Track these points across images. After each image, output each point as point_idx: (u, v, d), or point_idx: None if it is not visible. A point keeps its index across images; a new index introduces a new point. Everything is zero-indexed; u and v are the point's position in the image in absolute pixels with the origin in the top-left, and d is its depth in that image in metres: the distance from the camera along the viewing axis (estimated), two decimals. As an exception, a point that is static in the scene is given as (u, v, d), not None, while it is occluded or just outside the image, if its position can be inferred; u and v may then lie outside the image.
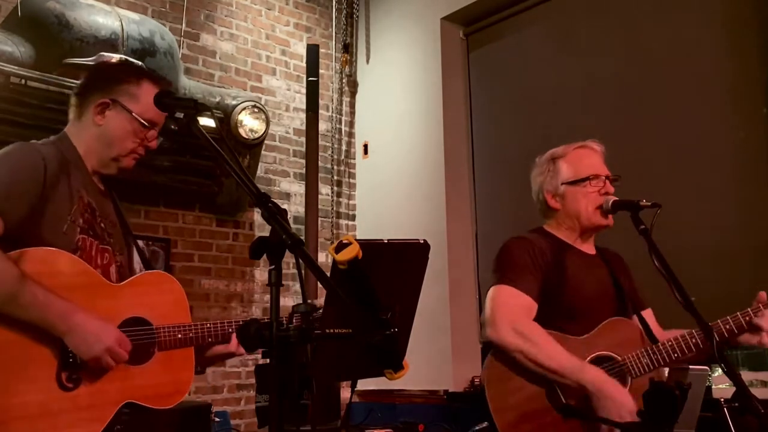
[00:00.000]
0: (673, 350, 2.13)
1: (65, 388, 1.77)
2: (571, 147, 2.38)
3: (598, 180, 2.28)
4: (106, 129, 1.99)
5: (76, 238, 1.87)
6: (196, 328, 1.99)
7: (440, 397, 4.27)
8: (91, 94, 2.00)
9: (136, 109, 1.99)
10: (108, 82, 2.02)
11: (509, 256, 2.28)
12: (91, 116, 1.99)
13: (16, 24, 3.59)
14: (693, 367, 1.92)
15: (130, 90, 2.00)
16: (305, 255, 1.42)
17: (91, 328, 1.76)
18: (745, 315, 2.11)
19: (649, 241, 2.06)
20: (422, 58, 4.98)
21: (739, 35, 3.63)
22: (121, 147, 1.99)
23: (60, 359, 1.76)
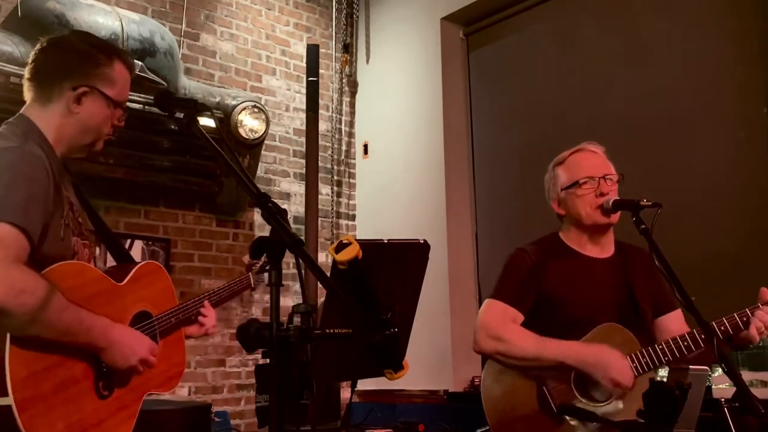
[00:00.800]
0: (663, 354, 2.13)
1: (102, 397, 1.82)
2: (569, 152, 2.40)
3: (592, 181, 2.29)
4: (84, 116, 1.86)
5: (71, 242, 1.84)
6: (183, 309, 2.07)
7: (440, 397, 4.27)
8: (62, 78, 1.85)
9: (113, 94, 1.89)
10: (80, 64, 1.87)
11: (503, 270, 2.36)
12: (65, 102, 1.84)
13: (16, 24, 3.59)
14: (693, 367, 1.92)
15: (106, 73, 1.88)
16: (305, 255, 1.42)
17: (126, 341, 1.82)
18: (742, 315, 2.11)
19: (650, 241, 2.06)
20: (422, 58, 4.98)
21: (740, 35, 3.63)
22: (99, 133, 1.90)
23: (95, 371, 1.80)
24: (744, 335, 2.11)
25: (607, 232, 2.36)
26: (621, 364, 2.09)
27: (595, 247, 2.35)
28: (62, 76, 1.85)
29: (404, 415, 4.14)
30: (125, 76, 1.95)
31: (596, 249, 2.35)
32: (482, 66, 4.91)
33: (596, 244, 2.35)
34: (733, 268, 3.38)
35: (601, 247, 2.35)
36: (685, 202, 3.52)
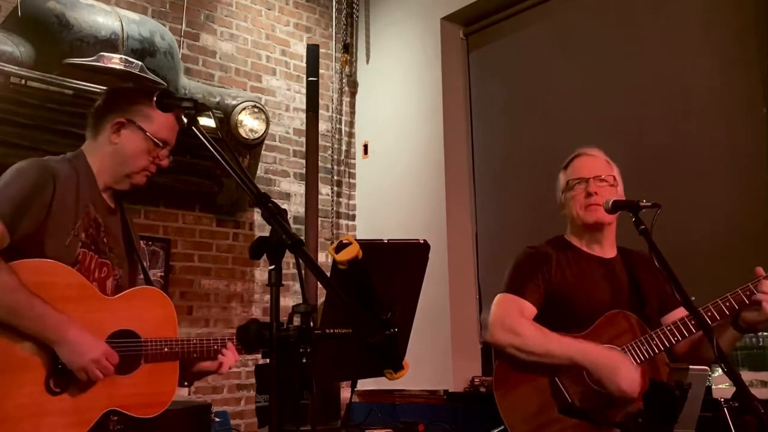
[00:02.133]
0: (672, 334, 2.15)
1: (52, 393, 1.86)
2: (570, 157, 2.47)
3: (582, 182, 2.34)
4: (121, 147, 2.09)
5: (77, 252, 1.98)
6: (182, 344, 2.07)
7: (440, 397, 4.27)
8: (107, 115, 2.11)
9: (150, 129, 2.09)
10: (123, 103, 2.12)
11: (514, 266, 2.39)
12: (107, 135, 2.09)
13: (16, 24, 3.59)
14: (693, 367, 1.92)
15: (145, 111, 2.09)
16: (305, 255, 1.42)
17: (82, 340, 1.86)
18: (745, 290, 2.13)
19: (650, 241, 2.07)
20: (422, 58, 4.98)
21: (740, 35, 3.63)
22: (134, 164, 2.10)
23: (50, 365, 1.86)
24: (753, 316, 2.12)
25: (607, 233, 2.39)
26: (631, 374, 2.09)
27: (598, 247, 2.39)
28: (107, 112, 2.12)
29: (404, 415, 4.14)
30: (167, 118, 2.10)
31: (600, 249, 2.39)
32: (482, 66, 4.91)
33: (598, 244, 2.39)
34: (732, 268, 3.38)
35: (603, 247, 2.39)
36: (684, 201, 3.52)
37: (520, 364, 2.20)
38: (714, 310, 2.13)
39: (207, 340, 2.12)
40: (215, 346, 2.11)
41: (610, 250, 2.40)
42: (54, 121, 3.50)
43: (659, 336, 2.16)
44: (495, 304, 2.33)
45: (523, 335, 2.19)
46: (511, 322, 2.23)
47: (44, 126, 3.49)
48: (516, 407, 2.18)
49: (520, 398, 2.19)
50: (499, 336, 2.24)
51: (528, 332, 2.19)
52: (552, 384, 2.16)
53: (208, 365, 2.15)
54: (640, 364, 2.15)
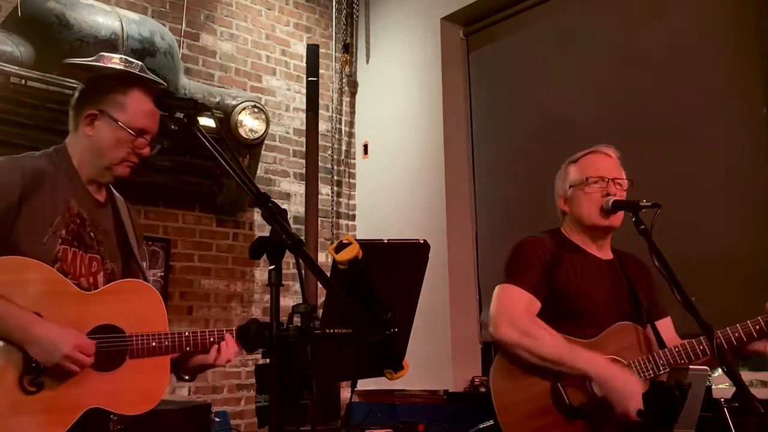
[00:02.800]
0: (679, 356, 2.13)
1: (27, 392, 1.79)
2: (584, 152, 2.41)
3: (601, 182, 2.29)
4: (95, 139, 2.03)
5: (56, 248, 1.91)
6: (172, 337, 1.98)
7: (440, 397, 4.27)
8: (83, 106, 2.05)
9: (123, 119, 2.02)
10: (97, 93, 2.06)
11: (516, 254, 2.32)
12: (82, 127, 2.04)
13: (16, 24, 3.59)
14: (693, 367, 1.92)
15: (117, 99, 2.03)
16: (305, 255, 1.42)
17: (49, 336, 1.79)
18: (755, 323, 2.10)
19: (649, 242, 2.07)
20: (422, 58, 4.98)
21: (739, 35, 3.63)
22: (111, 156, 2.03)
23: (24, 364, 1.80)
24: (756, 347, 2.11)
25: (608, 236, 2.37)
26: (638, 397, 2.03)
27: (597, 248, 2.36)
28: (83, 104, 2.05)
29: (404, 415, 4.14)
30: (145, 105, 2.05)
31: (599, 250, 2.36)
32: (482, 66, 4.91)
33: (599, 245, 2.36)
34: (732, 269, 3.38)
35: (601, 249, 2.37)
36: (684, 201, 3.52)
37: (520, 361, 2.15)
38: (722, 337, 2.10)
39: (201, 332, 2.03)
40: (210, 338, 2.01)
41: (607, 252, 2.38)
42: (54, 121, 3.50)
43: (666, 357, 2.14)
44: (498, 296, 2.25)
45: (536, 338, 2.13)
46: (520, 321, 2.16)
47: (44, 126, 3.48)
48: (512, 407, 2.15)
49: (518, 399, 2.15)
50: (506, 332, 2.16)
51: (541, 336, 2.13)
52: (553, 388, 2.13)
53: (205, 358, 2.05)
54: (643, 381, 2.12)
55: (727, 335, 2.10)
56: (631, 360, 2.16)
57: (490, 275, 4.41)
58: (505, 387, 2.18)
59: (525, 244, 2.33)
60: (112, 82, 2.11)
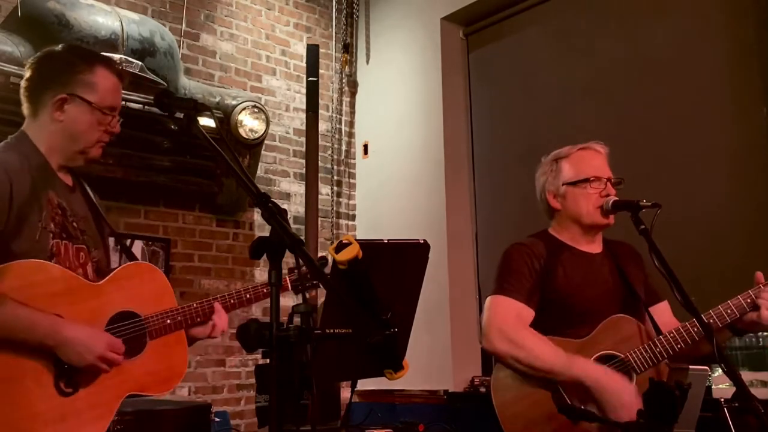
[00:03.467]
0: (675, 341, 2.13)
1: (65, 394, 1.80)
2: (575, 148, 2.39)
3: (599, 182, 2.29)
4: (68, 124, 1.93)
5: (49, 244, 1.87)
6: (183, 311, 2.01)
7: (440, 397, 4.26)
8: (44, 90, 1.95)
9: (95, 99, 1.94)
10: (60, 74, 1.95)
11: (503, 263, 2.32)
12: (48, 113, 1.94)
13: (16, 24, 3.59)
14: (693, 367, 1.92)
15: (85, 79, 1.94)
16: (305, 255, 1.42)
17: (80, 338, 1.79)
18: (745, 297, 2.13)
19: (649, 241, 2.07)
20: (422, 58, 4.98)
21: (739, 35, 3.63)
22: (87, 139, 1.95)
23: (55, 368, 1.79)
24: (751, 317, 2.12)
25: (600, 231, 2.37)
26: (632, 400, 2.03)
27: (589, 243, 2.36)
28: (44, 88, 1.94)
29: (404, 415, 4.14)
30: (111, 81, 1.98)
31: (589, 245, 2.36)
32: (482, 66, 4.91)
33: (589, 241, 2.36)
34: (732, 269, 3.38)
35: (591, 243, 2.36)
36: (684, 202, 3.52)
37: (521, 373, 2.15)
38: (715, 316, 2.12)
39: (206, 300, 2.06)
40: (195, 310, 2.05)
41: (598, 245, 2.38)
42: (54, 121, 3.50)
43: (662, 343, 2.13)
44: (488, 307, 2.25)
45: (525, 348, 2.13)
46: (513, 331, 2.16)
47: (44, 126, 3.48)
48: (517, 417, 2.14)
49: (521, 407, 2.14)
50: (498, 344, 2.17)
51: (530, 345, 2.13)
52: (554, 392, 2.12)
53: (201, 330, 2.07)
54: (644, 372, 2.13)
55: (720, 313, 2.12)
56: (627, 352, 2.16)
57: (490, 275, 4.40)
58: (506, 397, 2.17)
59: (512, 251, 2.32)
60: (73, 61, 1.98)
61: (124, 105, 3.57)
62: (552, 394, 2.11)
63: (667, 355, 2.14)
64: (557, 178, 2.36)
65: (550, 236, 2.38)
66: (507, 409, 2.16)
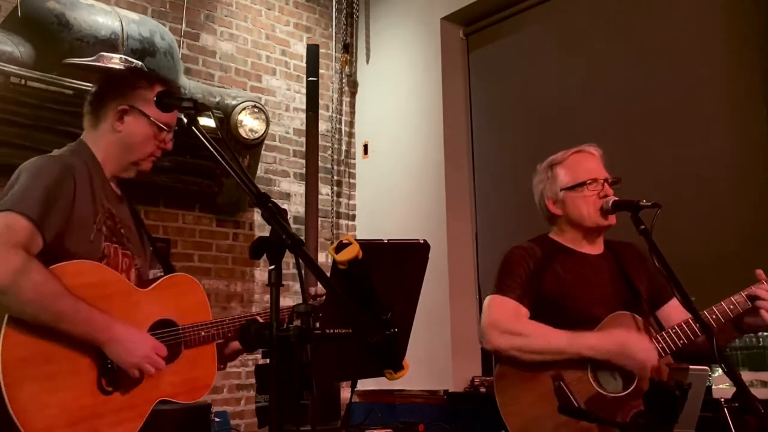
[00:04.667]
0: (678, 337, 2.14)
1: (105, 392, 1.86)
2: (569, 152, 2.40)
3: (596, 184, 2.30)
4: (126, 134, 2.05)
5: (102, 246, 1.96)
6: (216, 326, 2.09)
7: (440, 397, 4.26)
8: (108, 102, 2.06)
9: (152, 113, 2.04)
10: (123, 88, 2.08)
11: (501, 266, 2.34)
12: (110, 123, 2.05)
13: (16, 24, 3.59)
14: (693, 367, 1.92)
15: (145, 95, 2.05)
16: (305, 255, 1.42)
17: (129, 338, 1.86)
18: (747, 293, 2.14)
19: (649, 241, 2.07)
20: (422, 58, 4.98)
21: (739, 35, 3.63)
22: (142, 151, 2.07)
23: (99, 366, 1.86)
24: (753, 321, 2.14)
25: (602, 233, 2.38)
26: (644, 344, 2.09)
27: (590, 245, 2.36)
28: (108, 100, 2.07)
29: (404, 415, 4.14)
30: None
31: (590, 247, 2.36)
32: (482, 66, 4.91)
33: (591, 243, 2.36)
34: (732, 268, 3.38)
35: (593, 245, 2.37)
36: (684, 202, 3.52)
37: (521, 367, 2.16)
38: (718, 312, 2.13)
39: (240, 317, 2.14)
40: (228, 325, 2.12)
41: (599, 247, 2.38)
42: (54, 121, 3.50)
43: (665, 339, 2.14)
44: (487, 307, 2.27)
45: (526, 335, 2.15)
46: (510, 324, 2.18)
47: (44, 126, 3.49)
48: (519, 414, 2.15)
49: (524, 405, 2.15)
50: (498, 341, 2.18)
51: (531, 331, 2.16)
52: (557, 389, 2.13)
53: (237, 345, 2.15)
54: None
55: (723, 310, 2.13)
56: None
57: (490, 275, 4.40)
58: (508, 395, 2.19)
59: (510, 254, 2.35)
60: (134, 78, 2.14)
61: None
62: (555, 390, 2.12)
63: (670, 351, 2.14)
64: (554, 185, 2.38)
65: (550, 240, 2.40)
66: (510, 406, 2.17)
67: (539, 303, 2.25)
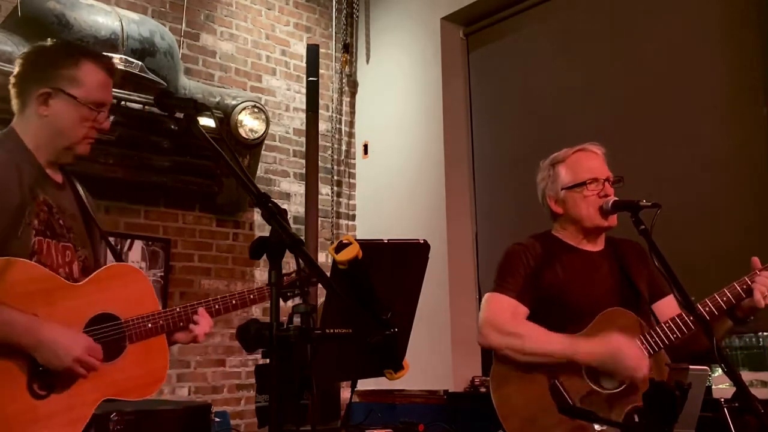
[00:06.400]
0: (671, 331, 2.14)
1: (38, 396, 1.75)
2: (570, 151, 2.40)
3: (596, 183, 2.30)
4: (53, 119, 1.90)
5: (31, 241, 1.83)
6: (165, 315, 1.96)
7: (440, 397, 4.26)
8: (30, 85, 1.91)
9: (80, 94, 1.90)
10: (45, 69, 1.91)
11: (502, 262, 2.35)
12: (34, 108, 1.90)
13: (16, 24, 3.59)
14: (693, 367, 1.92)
15: (70, 74, 1.90)
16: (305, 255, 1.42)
17: (59, 340, 1.74)
18: (741, 283, 2.15)
19: (649, 242, 2.07)
20: (422, 58, 4.98)
21: (739, 35, 3.63)
22: (73, 135, 1.92)
23: (29, 369, 1.75)
24: (748, 302, 2.13)
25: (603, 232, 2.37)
26: (634, 355, 2.09)
27: (590, 243, 2.37)
28: (30, 82, 1.91)
29: (404, 415, 4.14)
30: (98, 77, 1.94)
31: (591, 245, 2.37)
32: (482, 66, 4.91)
33: (591, 241, 2.37)
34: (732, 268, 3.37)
35: (595, 243, 2.37)
36: (684, 201, 3.52)
37: (517, 365, 2.17)
38: (711, 305, 2.14)
39: (190, 305, 2.01)
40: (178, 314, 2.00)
41: (600, 244, 2.38)
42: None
43: (658, 333, 2.15)
44: (485, 303, 2.29)
45: (519, 336, 2.16)
46: (506, 323, 2.19)
47: (44, 126, 3.48)
48: (515, 412, 2.16)
49: (520, 402, 2.16)
50: (492, 338, 2.20)
51: (525, 332, 2.17)
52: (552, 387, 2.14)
53: (183, 335, 2.02)
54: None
55: (716, 301, 2.14)
56: None
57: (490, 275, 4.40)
58: (504, 392, 2.19)
59: (509, 251, 2.36)
60: (58, 56, 1.95)
61: (124, 105, 3.59)
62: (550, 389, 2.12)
63: (664, 345, 2.15)
64: (555, 183, 2.37)
65: (552, 236, 2.40)
66: (505, 403, 2.18)
67: (538, 299, 2.26)
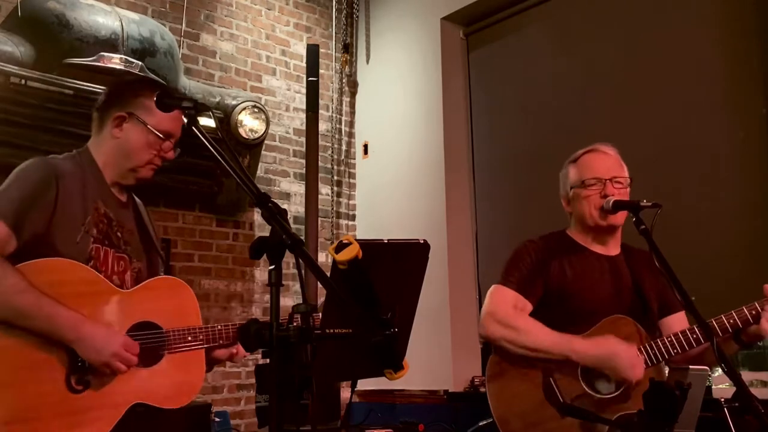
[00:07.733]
0: (672, 346, 2.14)
1: (74, 391, 1.84)
2: (582, 151, 2.41)
3: (598, 183, 2.29)
4: (123, 141, 2.07)
5: (89, 247, 1.96)
6: (206, 331, 2.05)
7: (440, 397, 4.27)
8: (109, 109, 2.09)
9: (152, 122, 2.06)
10: (124, 96, 2.10)
11: (512, 258, 2.35)
12: (109, 129, 2.07)
13: (16, 24, 3.59)
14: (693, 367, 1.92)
15: (146, 103, 2.06)
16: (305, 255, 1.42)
17: (98, 335, 1.84)
18: (751, 308, 2.12)
19: (650, 242, 2.07)
20: (422, 58, 4.98)
21: (739, 35, 3.63)
22: (138, 158, 2.08)
23: (69, 363, 1.84)
24: (754, 330, 2.12)
25: (614, 233, 2.36)
26: (630, 357, 2.09)
27: (601, 245, 2.36)
28: (109, 107, 2.09)
29: (404, 415, 4.14)
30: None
31: (602, 247, 2.36)
32: (482, 66, 4.91)
33: (602, 243, 2.35)
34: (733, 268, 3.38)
35: (607, 246, 2.36)
36: (684, 201, 3.52)
37: (515, 358, 2.18)
38: (717, 326, 2.12)
39: (232, 324, 2.10)
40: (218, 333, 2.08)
41: (614, 248, 2.37)
42: (54, 121, 3.50)
43: (659, 346, 2.14)
44: (489, 295, 2.31)
45: (518, 330, 2.18)
46: (505, 315, 2.21)
47: (44, 126, 3.49)
48: (509, 403, 2.17)
49: (514, 394, 2.18)
50: (492, 329, 2.22)
51: (523, 327, 2.18)
52: (545, 384, 2.15)
53: (223, 353, 2.10)
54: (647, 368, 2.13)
55: (722, 322, 2.12)
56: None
57: (490, 275, 4.42)
58: (499, 384, 2.21)
59: (519, 247, 2.37)
60: (139, 86, 2.16)
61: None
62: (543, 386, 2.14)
63: (663, 359, 2.14)
64: (566, 183, 2.40)
65: (564, 235, 2.40)
66: (498, 396, 2.20)
67: (543, 296, 2.27)
